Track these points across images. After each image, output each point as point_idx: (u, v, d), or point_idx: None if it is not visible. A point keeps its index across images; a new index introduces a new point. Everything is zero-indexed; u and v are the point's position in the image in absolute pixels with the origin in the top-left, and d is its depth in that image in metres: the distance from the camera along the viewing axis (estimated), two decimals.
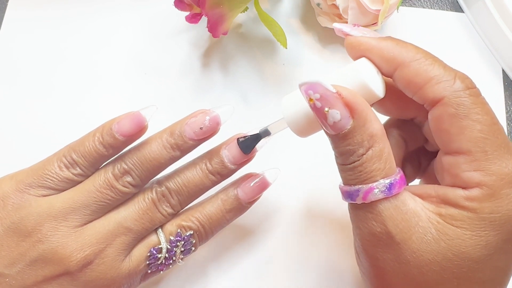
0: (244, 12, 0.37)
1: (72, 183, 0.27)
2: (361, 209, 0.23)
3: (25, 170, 0.28)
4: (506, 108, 0.39)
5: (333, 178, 0.36)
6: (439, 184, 0.26)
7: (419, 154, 0.28)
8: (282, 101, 0.25)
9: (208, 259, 0.34)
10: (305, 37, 0.40)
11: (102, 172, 0.27)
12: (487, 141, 0.21)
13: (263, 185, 0.30)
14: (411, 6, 0.42)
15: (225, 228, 0.31)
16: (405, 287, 0.22)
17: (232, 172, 0.29)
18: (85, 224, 0.27)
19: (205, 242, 0.30)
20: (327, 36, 0.40)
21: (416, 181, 0.29)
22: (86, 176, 0.28)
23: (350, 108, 0.22)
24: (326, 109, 0.22)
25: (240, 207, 0.29)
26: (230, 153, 0.28)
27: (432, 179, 0.27)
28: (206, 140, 0.28)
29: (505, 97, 0.39)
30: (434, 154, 0.27)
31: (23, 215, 0.26)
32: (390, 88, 0.25)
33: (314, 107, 0.22)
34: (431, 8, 0.42)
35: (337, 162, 0.23)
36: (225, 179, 0.29)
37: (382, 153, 0.22)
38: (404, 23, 0.41)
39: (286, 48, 0.35)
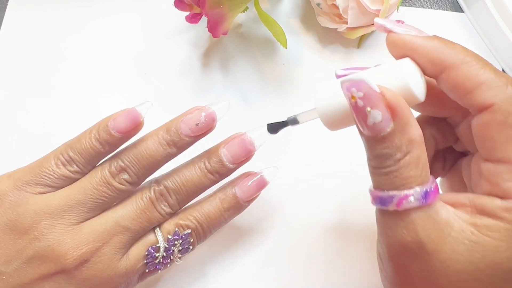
0: (244, 12, 0.37)
1: (69, 181, 0.27)
2: (392, 216, 0.22)
3: (23, 168, 0.28)
4: None
5: (332, 177, 0.36)
6: (464, 187, 0.26)
7: (445, 153, 0.28)
8: (316, 91, 0.24)
9: (207, 259, 0.34)
10: (305, 37, 0.40)
11: (98, 169, 0.28)
12: None
13: (261, 184, 0.30)
14: (411, 6, 0.42)
15: (224, 228, 0.31)
16: None
17: (231, 171, 0.29)
18: (82, 222, 0.27)
19: (203, 241, 0.30)
20: (327, 36, 0.40)
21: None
22: (83, 173, 0.28)
23: (392, 111, 0.21)
24: (368, 109, 0.21)
25: (238, 205, 0.29)
26: (229, 152, 0.28)
27: (455, 180, 0.27)
28: (203, 137, 0.28)
29: None
30: (461, 154, 0.27)
31: (20, 213, 0.26)
32: (429, 87, 0.24)
33: (355, 106, 0.21)
34: (431, 8, 0.42)
35: (370, 165, 0.22)
36: (223, 178, 0.29)
37: (420, 159, 0.21)
38: None
39: (286, 48, 0.35)
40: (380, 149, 0.21)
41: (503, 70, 0.40)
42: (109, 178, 0.27)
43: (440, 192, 0.23)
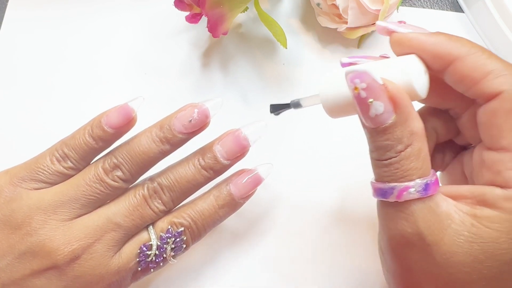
0: (244, 12, 0.37)
1: (64, 177, 0.27)
2: (392, 208, 0.22)
3: (20, 165, 0.28)
4: None
5: (329, 172, 0.36)
6: (464, 181, 0.26)
7: (445, 147, 0.28)
8: (321, 78, 0.25)
9: (204, 258, 0.34)
10: (305, 37, 0.40)
11: (92, 166, 0.28)
12: None
13: (256, 181, 0.30)
14: (411, 6, 0.42)
15: (220, 227, 0.30)
16: (432, 286, 0.22)
17: (225, 167, 0.29)
18: (75, 218, 0.27)
19: (198, 240, 0.30)
20: (327, 36, 0.40)
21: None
22: (77, 169, 0.28)
23: (394, 102, 0.21)
24: (371, 100, 0.21)
25: (233, 203, 0.29)
26: (223, 148, 0.28)
27: (455, 174, 0.27)
28: (196, 134, 0.28)
29: None
30: (461, 148, 0.27)
31: (13, 208, 0.26)
32: (433, 78, 0.24)
33: (357, 97, 0.21)
34: (431, 8, 0.42)
35: (371, 157, 0.23)
36: (218, 175, 0.29)
37: (421, 152, 0.21)
38: None
39: (286, 48, 0.35)
40: (381, 141, 0.22)
41: None
42: (102, 174, 0.27)
43: (440, 185, 0.23)
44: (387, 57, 0.25)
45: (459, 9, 0.42)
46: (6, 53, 0.39)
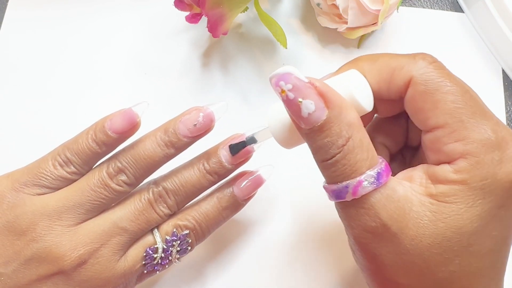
0: (244, 12, 0.37)
1: (67, 182, 0.27)
2: (352, 206, 0.22)
3: (21, 169, 0.28)
4: (506, 108, 0.39)
5: None
6: None
7: (402, 150, 0.28)
8: (268, 110, 0.25)
9: (205, 258, 0.34)
10: (305, 37, 0.40)
11: (96, 170, 0.27)
12: (462, 110, 0.21)
13: (258, 182, 0.30)
14: (411, 6, 0.42)
15: (222, 227, 0.30)
16: (407, 276, 0.22)
17: (230, 172, 0.29)
18: (80, 223, 0.27)
19: (202, 241, 0.30)
20: (327, 36, 0.40)
21: None
22: (80, 174, 0.28)
23: (324, 98, 0.21)
24: (300, 99, 0.21)
25: (236, 204, 0.29)
26: (228, 153, 0.28)
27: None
28: (201, 137, 0.28)
29: (505, 97, 0.39)
30: (417, 147, 0.27)
31: (17, 214, 0.26)
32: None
33: (286, 100, 0.21)
34: (431, 8, 0.42)
35: (316, 160, 0.22)
36: (222, 179, 0.29)
37: (363, 142, 0.21)
38: (404, 23, 0.41)
39: (286, 48, 0.35)
40: (320, 140, 0.21)
41: (503, 70, 0.40)
42: (107, 179, 0.27)
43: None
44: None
45: (459, 9, 0.42)
46: (6, 53, 0.39)
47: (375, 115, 0.27)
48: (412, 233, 0.21)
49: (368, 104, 0.23)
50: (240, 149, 0.28)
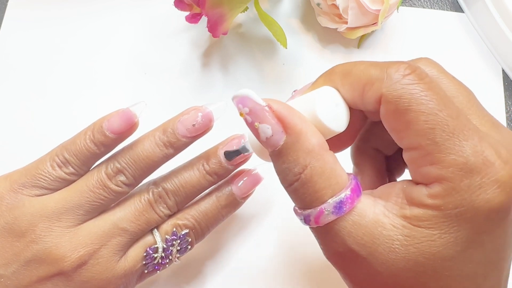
0: (244, 12, 0.37)
1: (66, 183, 0.27)
2: (319, 231, 0.21)
3: (19, 170, 0.28)
4: (506, 108, 0.39)
5: None
6: None
7: (399, 151, 0.27)
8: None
9: (205, 257, 0.34)
10: (305, 37, 0.40)
11: (95, 171, 0.27)
12: (436, 131, 0.19)
13: (256, 180, 0.30)
14: (411, 6, 0.42)
15: (221, 226, 0.31)
16: None
17: (229, 172, 0.29)
18: (80, 224, 0.27)
19: (201, 240, 0.30)
20: (327, 36, 0.40)
21: None
22: (79, 175, 0.28)
23: (283, 123, 0.20)
24: (256, 124, 0.20)
25: (235, 202, 0.30)
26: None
27: None
28: (200, 137, 0.28)
29: (505, 97, 0.39)
30: None
31: (16, 215, 0.26)
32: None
33: (246, 122, 0.21)
34: (431, 8, 0.42)
35: (281, 183, 0.22)
36: (222, 179, 0.29)
37: (324, 169, 0.20)
38: (404, 23, 0.41)
39: (286, 48, 0.35)
40: (279, 165, 0.21)
41: (503, 70, 0.40)
42: (106, 180, 0.27)
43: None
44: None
45: (459, 9, 0.42)
46: (6, 52, 0.39)
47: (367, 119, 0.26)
48: (383, 257, 0.20)
49: (338, 125, 0.22)
50: (234, 156, 0.29)
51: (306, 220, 0.21)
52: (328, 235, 0.21)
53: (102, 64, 0.39)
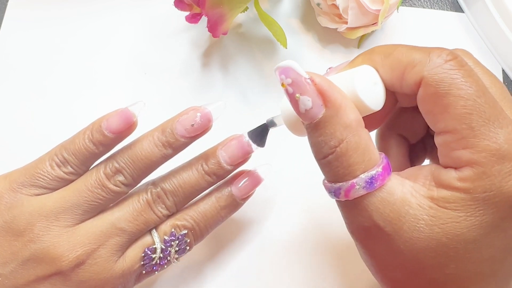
0: (244, 12, 0.37)
1: (64, 182, 0.27)
2: (347, 205, 0.22)
3: (18, 170, 0.28)
4: None
5: None
6: None
7: (424, 139, 0.27)
8: (283, 96, 0.24)
9: (204, 257, 0.34)
10: (305, 37, 0.40)
11: (93, 171, 0.27)
12: (473, 117, 0.20)
13: (256, 181, 0.30)
14: (411, 6, 0.42)
15: (220, 227, 0.31)
16: (401, 274, 0.22)
17: (228, 172, 0.29)
18: (78, 224, 0.27)
19: (200, 241, 0.30)
20: (327, 36, 0.40)
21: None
22: (78, 174, 0.28)
23: (323, 96, 0.20)
24: (297, 95, 0.21)
25: (235, 203, 0.30)
26: (226, 154, 0.28)
27: (438, 160, 0.27)
28: (199, 137, 0.28)
29: None
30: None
31: (15, 214, 0.26)
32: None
33: (287, 93, 0.21)
34: (431, 8, 0.42)
35: (314, 157, 0.22)
36: (220, 180, 0.29)
37: (359, 145, 0.21)
38: (404, 23, 0.41)
39: (286, 48, 0.35)
40: (315, 137, 0.21)
41: (503, 70, 0.40)
42: (104, 180, 0.27)
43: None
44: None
45: (459, 9, 0.42)
46: (6, 52, 0.39)
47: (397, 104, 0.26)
48: (407, 235, 0.21)
49: (375, 103, 0.22)
50: (261, 131, 0.28)
51: (335, 193, 0.22)
52: (355, 209, 0.22)
53: (102, 64, 0.39)
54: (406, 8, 0.41)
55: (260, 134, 0.28)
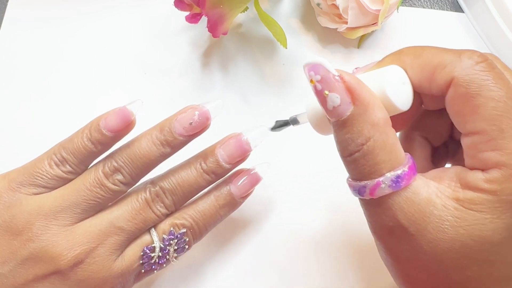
0: (244, 12, 0.37)
1: (63, 181, 0.27)
2: (371, 204, 0.22)
3: (17, 169, 0.28)
4: None
5: (328, 172, 0.36)
6: None
7: (447, 142, 0.27)
8: (308, 94, 0.24)
9: (203, 257, 0.34)
10: (305, 37, 0.40)
11: (92, 170, 0.27)
12: (503, 118, 0.20)
13: (255, 180, 0.30)
14: (411, 6, 0.42)
15: (219, 226, 0.31)
16: (422, 275, 0.22)
17: (227, 171, 0.29)
18: (76, 222, 0.27)
19: (199, 240, 0.30)
20: (327, 36, 0.40)
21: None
22: (76, 173, 0.28)
23: (352, 94, 0.21)
24: (326, 92, 0.21)
25: (233, 202, 0.29)
26: (225, 152, 0.28)
27: (461, 163, 0.27)
28: (197, 136, 0.28)
29: None
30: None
31: (14, 214, 0.26)
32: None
33: (315, 90, 0.21)
34: (431, 8, 0.42)
35: (339, 154, 0.22)
36: (219, 178, 0.29)
37: (386, 144, 0.21)
38: (404, 23, 0.41)
39: (286, 48, 0.35)
40: (342, 135, 0.21)
41: None
42: (103, 178, 0.27)
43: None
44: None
45: (459, 9, 0.42)
46: (6, 52, 0.39)
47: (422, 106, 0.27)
48: (431, 236, 0.21)
49: (403, 103, 0.22)
50: (282, 125, 0.29)
51: (360, 192, 0.22)
52: (379, 208, 0.22)
53: (102, 64, 0.39)
54: (406, 8, 0.41)
55: (280, 126, 0.28)
